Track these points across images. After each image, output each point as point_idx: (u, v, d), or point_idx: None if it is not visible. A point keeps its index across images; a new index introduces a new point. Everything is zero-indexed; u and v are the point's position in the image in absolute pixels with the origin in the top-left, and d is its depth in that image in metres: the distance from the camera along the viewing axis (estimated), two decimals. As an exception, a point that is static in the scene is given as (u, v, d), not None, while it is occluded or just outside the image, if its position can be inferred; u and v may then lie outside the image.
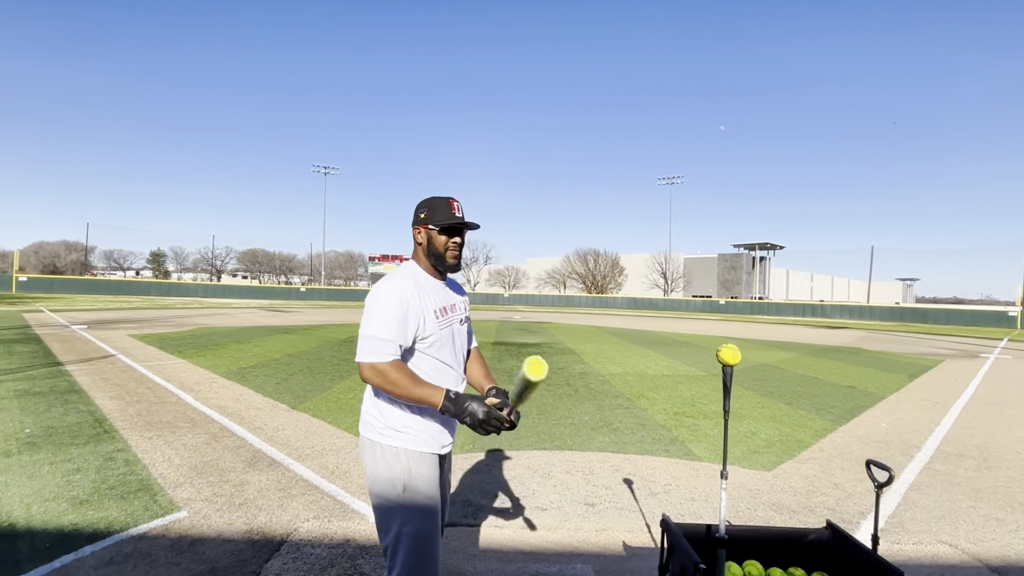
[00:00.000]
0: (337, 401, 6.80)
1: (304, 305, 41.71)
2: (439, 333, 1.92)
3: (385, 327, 1.77)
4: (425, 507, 1.86)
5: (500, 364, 10.70)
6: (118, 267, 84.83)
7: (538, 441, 5.29)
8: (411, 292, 1.86)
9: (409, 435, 1.87)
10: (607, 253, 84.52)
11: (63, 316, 19.91)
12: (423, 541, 1.83)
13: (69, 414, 5.68)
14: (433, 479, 1.90)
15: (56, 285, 48.21)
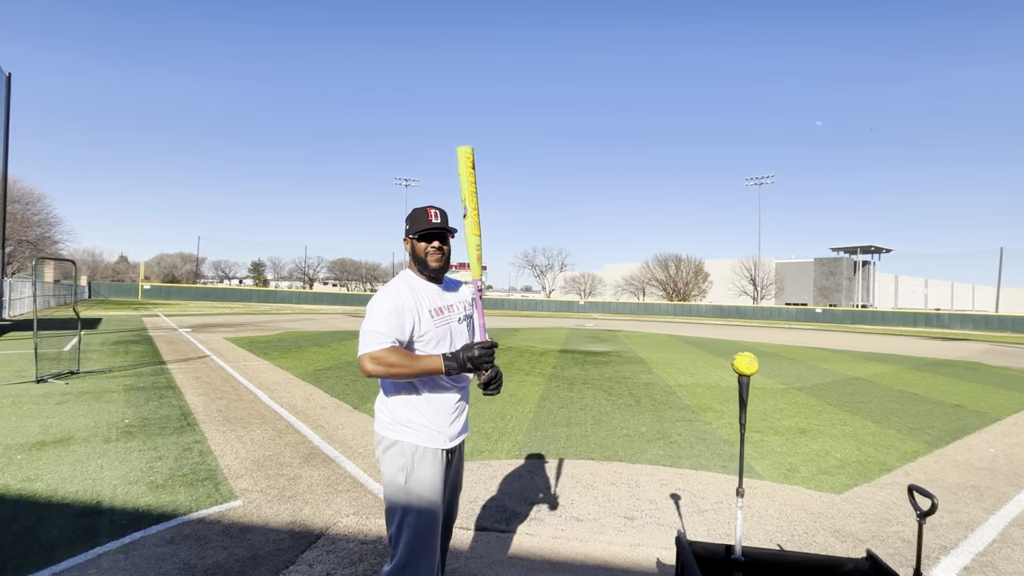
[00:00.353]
0: (396, 403, 7.08)
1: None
2: (435, 331, 2.02)
3: (381, 323, 1.89)
4: (426, 499, 1.94)
5: (563, 372, 10.62)
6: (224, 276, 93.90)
7: (587, 451, 5.20)
8: (406, 294, 1.99)
9: (413, 430, 1.97)
10: (690, 258, 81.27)
11: (174, 320, 22.38)
12: (423, 531, 1.92)
13: (162, 408, 6.38)
14: (435, 473, 1.98)
15: (173, 293, 54.26)
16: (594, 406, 7.30)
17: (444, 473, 2.02)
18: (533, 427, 6.04)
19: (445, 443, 2.01)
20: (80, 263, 69.98)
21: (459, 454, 2.18)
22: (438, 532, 1.99)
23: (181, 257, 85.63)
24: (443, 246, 2.08)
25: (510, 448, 5.20)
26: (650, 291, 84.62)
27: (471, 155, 2.03)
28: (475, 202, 2.04)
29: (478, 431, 5.80)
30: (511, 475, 4.45)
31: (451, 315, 2.10)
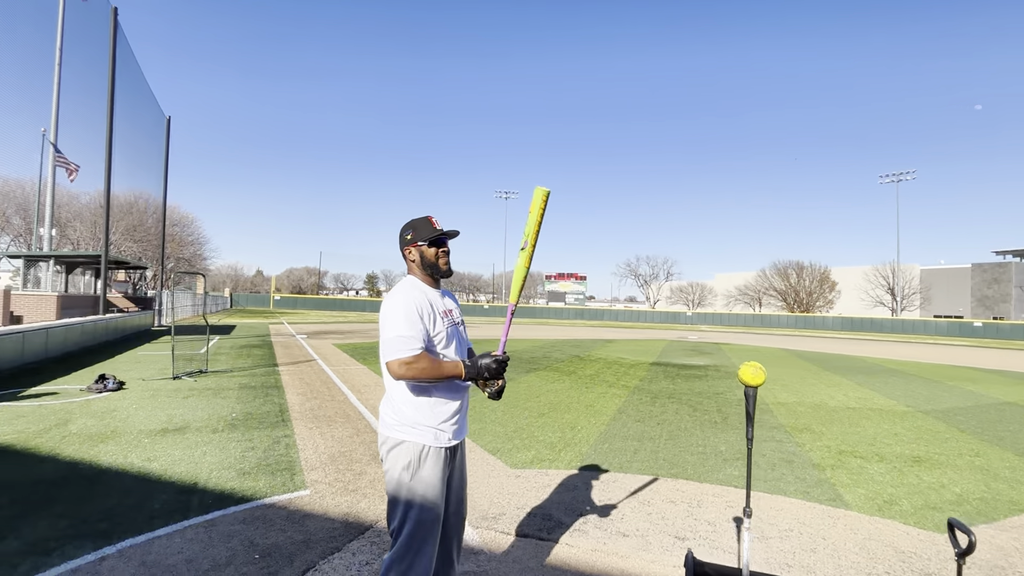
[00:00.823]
0: (472, 409, 7.32)
1: (485, 320, 45.14)
2: (445, 331, 2.18)
3: (407, 327, 2.04)
4: (429, 496, 2.06)
5: (649, 385, 10.27)
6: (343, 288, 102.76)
7: (652, 466, 5.01)
8: (420, 298, 2.12)
9: (418, 431, 2.09)
10: (813, 265, 74.27)
11: (294, 328, 24.95)
12: (425, 525, 2.04)
13: (265, 404, 7.19)
14: (438, 471, 2.09)
15: (299, 303, 60.41)
16: (674, 421, 6.99)
17: (446, 470, 2.13)
18: (602, 440, 5.93)
19: (447, 442, 2.13)
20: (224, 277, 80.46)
21: (461, 452, 2.28)
22: (439, 526, 2.10)
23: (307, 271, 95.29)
24: (448, 250, 2.23)
25: (571, 459, 5.17)
26: (767, 302, 78.48)
27: (547, 197, 2.19)
28: (535, 240, 2.21)
29: (543, 440, 5.83)
30: (565, 485, 4.42)
31: (453, 318, 2.23)
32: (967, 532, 1.56)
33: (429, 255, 2.21)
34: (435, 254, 2.21)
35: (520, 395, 8.61)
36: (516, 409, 7.45)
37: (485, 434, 6.01)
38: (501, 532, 3.49)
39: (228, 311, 46.18)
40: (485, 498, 4.08)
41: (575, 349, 18.33)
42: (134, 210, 32.32)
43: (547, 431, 6.25)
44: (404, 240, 2.25)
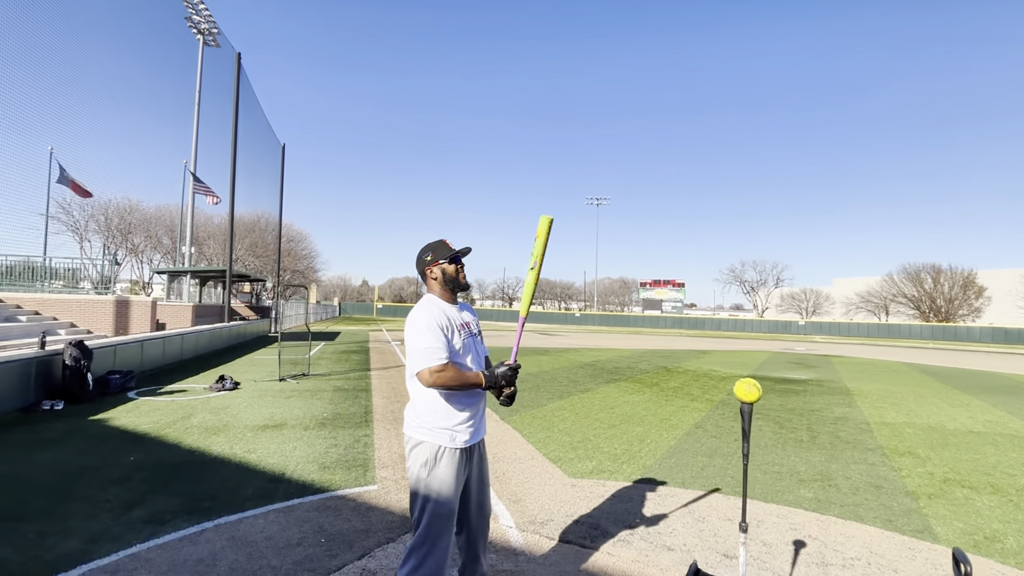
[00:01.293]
0: (543, 418, 7.50)
1: (575, 329, 45.07)
2: (463, 343, 2.42)
3: (434, 339, 2.30)
4: (444, 492, 2.30)
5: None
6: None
7: (717, 483, 4.87)
8: (440, 314, 2.38)
9: (436, 432, 2.34)
10: (954, 269, 65.52)
11: (391, 334, 26.63)
12: (439, 518, 2.29)
13: (353, 406, 7.88)
14: (452, 470, 2.32)
15: (399, 311, 64.12)
16: (753, 438, 6.67)
17: (461, 469, 2.35)
18: (670, 454, 5.84)
19: (462, 444, 2.35)
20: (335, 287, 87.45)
21: (480, 453, 2.51)
22: (454, 518, 2.33)
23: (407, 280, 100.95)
24: (464, 265, 2.52)
25: (633, 471, 5.16)
26: (896, 310, 70.40)
27: (550, 224, 2.53)
28: (541, 261, 2.52)
29: (607, 452, 5.86)
30: (619, 497, 4.46)
31: (470, 330, 2.47)
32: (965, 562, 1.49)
33: (450, 271, 2.48)
34: (455, 270, 2.48)
35: (593, 406, 8.63)
36: (587, 420, 7.51)
37: (550, 443, 6.16)
38: (545, 536, 3.64)
39: (336, 319, 50.27)
40: (537, 504, 4.24)
41: (664, 360, 17.80)
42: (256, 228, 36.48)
43: (614, 443, 6.26)
44: (425, 261, 2.51)
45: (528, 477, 4.92)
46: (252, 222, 36.16)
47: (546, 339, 27.98)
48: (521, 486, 4.66)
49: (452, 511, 2.32)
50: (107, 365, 8.70)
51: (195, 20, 28.31)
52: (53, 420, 6.52)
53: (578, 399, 9.18)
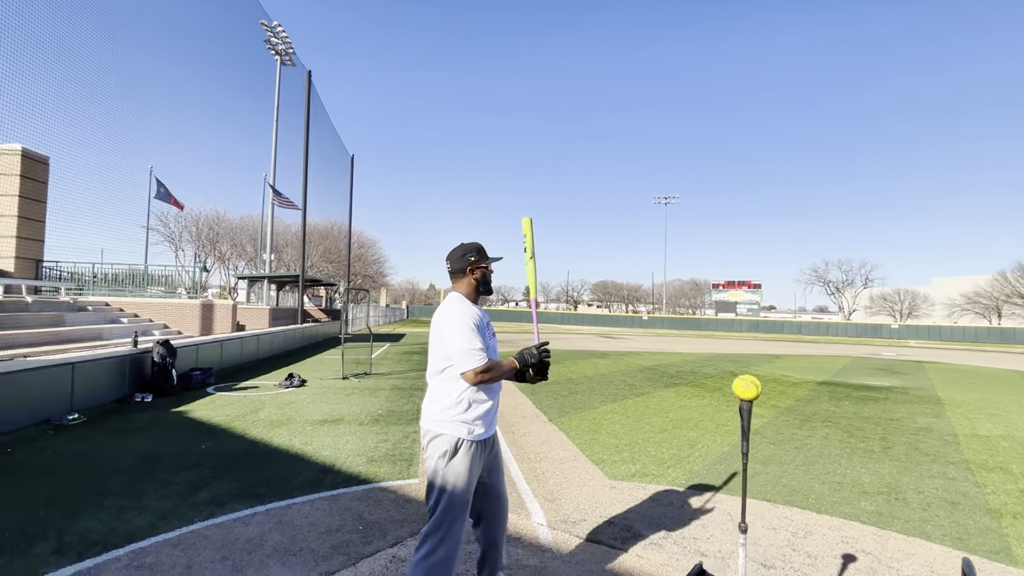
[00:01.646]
0: (592, 421, 7.46)
1: (641, 332, 44.07)
2: (489, 342, 2.53)
3: (475, 340, 2.41)
4: (459, 482, 2.41)
5: (806, 407, 9.27)
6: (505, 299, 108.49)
7: (769, 492, 4.65)
8: (474, 314, 2.50)
9: (453, 425, 2.45)
10: (1082, 264, 57.94)
11: (454, 337, 27.25)
12: (454, 507, 2.40)
13: (408, 404, 8.19)
14: (467, 461, 2.43)
15: (463, 314, 65.49)
16: (817, 447, 6.29)
17: (477, 461, 2.46)
18: (720, 460, 5.64)
19: (478, 437, 2.45)
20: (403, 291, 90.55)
21: (494, 446, 2.64)
22: (468, 507, 2.45)
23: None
24: None
25: (678, 476, 5.04)
26: (1011, 312, 63.28)
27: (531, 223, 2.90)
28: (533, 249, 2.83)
29: (653, 456, 5.75)
30: (658, 499, 4.38)
31: (491, 330, 2.63)
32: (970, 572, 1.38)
33: (488, 275, 2.65)
34: (490, 275, 2.66)
35: (647, 410, 8.46)
36: (638, 424, 7.38)
37: (595, 445, 6.13)
38: (575, 536, 3.65)
39: (403, 321, 52.07)
40: (572, 504, 4.25)
41: (732, 364, 17.06)
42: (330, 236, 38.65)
43: (662, 447, 6.12)
44: (468, 261, 2.60)
45: (567, 477, 4.93)
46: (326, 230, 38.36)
47: (608, 342, 27.58)
48: (559, 486, 4.69)
49: (466, 501, 2.42)
50: (190, 362, 9.57)
51: (273, 42, 30.47)
52: (142, 411, 7.27)
53: (632, 403, 9.03)
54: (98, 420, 6.66)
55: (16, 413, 5.96)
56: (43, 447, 5.43)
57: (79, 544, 3.32)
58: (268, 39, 30.35)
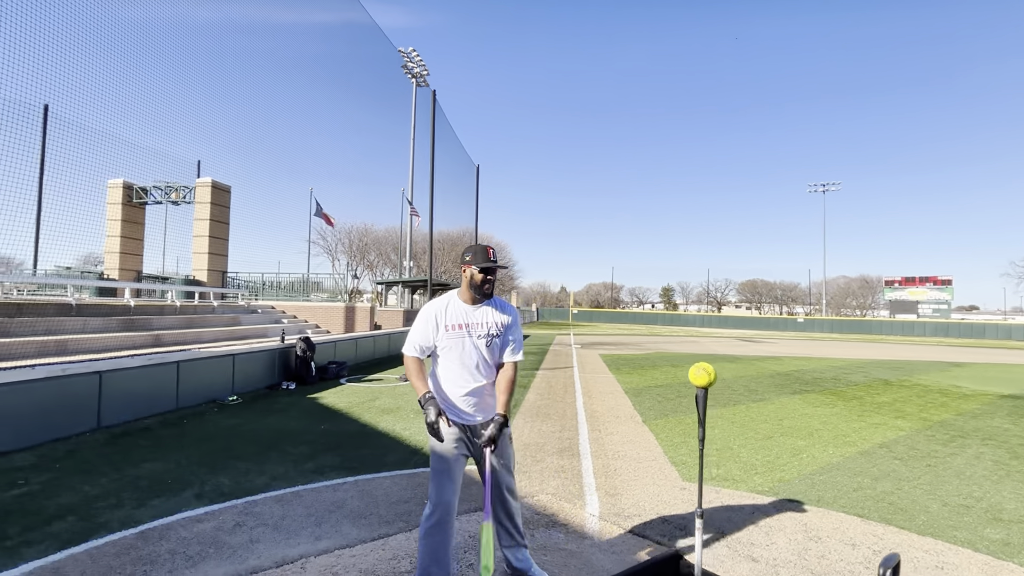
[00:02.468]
0: (689, 424, 7.23)
1: (793, 336, 40.16)
2: (447, 343, 2.77)
3: (414, 333, 2.82)
4: (436, 453, 2.73)
5: (967, 422, 7.99)
6: (639, 301, 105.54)
7: (868, 508, 4.22)
8: (441, 309, 2.80)
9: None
10: None
11: (578, 339, 27.42)
12: (435, 471, 2.74)
13: (506, 400, 8.65)
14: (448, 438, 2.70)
15: (594, 316, 65.14)
16: (959, 466, 5.46)
17: (455, 438, 2.72)
18: (824, 471, 5.19)
19: (458, 419, 2.74)
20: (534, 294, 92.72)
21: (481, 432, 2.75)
22: (448, 474, 2.71)
23: (604, 286, 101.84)
24: (494, 279, 2.81)
25: (762, 483, 4.78)
26: None
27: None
28: None
29: (743, 461, 5.47)
30: (729, 504, 4.23)
31: (471, 331, 2.75)
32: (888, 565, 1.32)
33: (477, 278, 2.76)
34: (482, 279, 2.76)
35: (759, 416, 7.93)
36: (742, 429, 6.99)
37: (682, 447, 5.98)
38: (621, 528, 3.73)
39: (533, 323, 53.44)
40: (631, 500, 4.29)
41: (890, 372, 14.97)
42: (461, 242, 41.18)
43: (758, 454, 5.78)
44: (463, 259, 2.86)
45: (638, 476, 4.94)
46: (458, 236, 40.98)
47: (746, 346, 25.64)
48: (626, 483, 4.73)
49: (443, 470, 2.70)
50: (328, 356, 11.07)
51: (409, 67, 33.48)
52: (285, 396, 8.66)
53: (744, 408, 8.51)
54: (251, 402, 8.10)
55: (192, 394, 7.52)
56: (207, 420, 6.80)
57: (212, 493, 4.22)
58: (405, 64, 33.42)
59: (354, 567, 3.11)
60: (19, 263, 17.21)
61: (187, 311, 13.37)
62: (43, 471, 4.70)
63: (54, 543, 3.32)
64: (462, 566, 3.14)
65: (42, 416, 5.50)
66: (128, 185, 17.95)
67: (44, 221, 15.59)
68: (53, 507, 3.89)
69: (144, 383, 6.72)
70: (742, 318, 67.64)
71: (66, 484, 4.38)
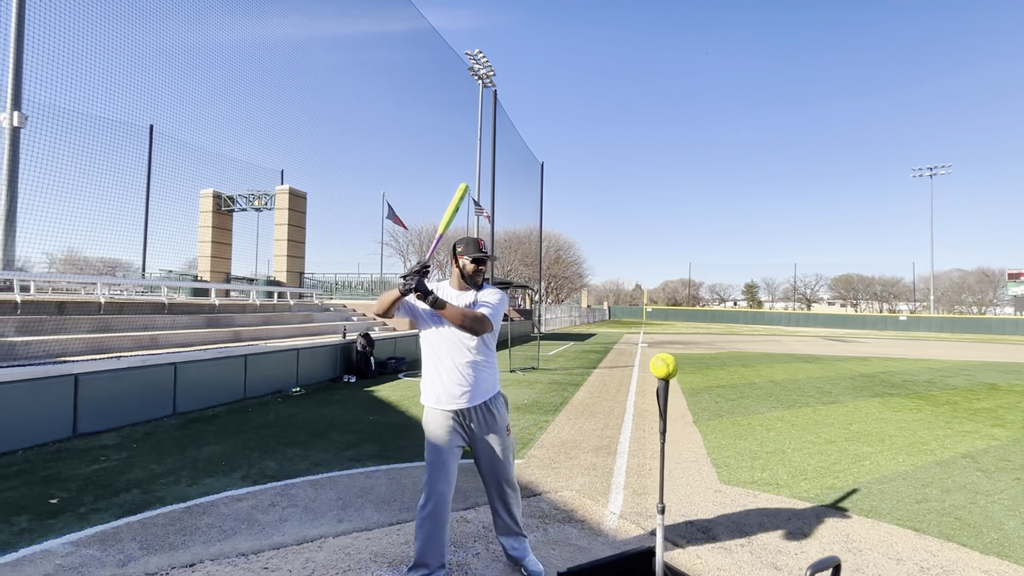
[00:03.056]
0: (743, 426, 6.88)
1: (893, 336, 36.87)
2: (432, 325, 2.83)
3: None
4: (430, 443, 2.81)
5: (972, 404, 7.03)
6: (720, 299, 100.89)
7: (928, 522, 3.85)
8: None
9: (424, 395, 2.88)
10: None
11: (647, 337, 26.71)
12: (431, 464, 2.80)
13: (555, 396, 8.63)
14: (436, 425, 2.79)
15: (670, 314, 63.09)
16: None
17: (448, 428, 2.77)
18: (886, 480, 4.78)
19: (445, 406, 2.77)
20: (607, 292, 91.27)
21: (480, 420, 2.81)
22: (442, 466, 2.77)
23: (682, 283, 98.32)
24: (484, 269, 2.89)
25: (808, 489, 4.47)
26: None
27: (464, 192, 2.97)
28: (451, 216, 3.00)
29: (792, 466, 5.15)
30: (765, 509, 4.01)
31: None
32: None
33: (469, 268, 2.85)
34: (473, 269, 2.85)
35: (825, 419, 7.39)
36: (802, 432, 6.56)
37: (728, 449, 5.72)
38: (639, 527, 3.64)
39: (603, 322, 52.65)
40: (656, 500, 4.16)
41: (999, 375, 13.38)
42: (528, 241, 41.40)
43: (812, 459, 5.41)
44: (454, 251, 2.93)
45: (673, 476, 4.78)
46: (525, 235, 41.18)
47: (832, 346, 23.83)
48: (657, 483, 4.59)
49: (436, 462, 2.77)
50: (389, 352, 11.56)
51: (475, 68, 34.08)
52: (343, 389, 9.15)
53: (810, 411, 7.96)
54: (312, 393, 8.64)
55: (259, 385, 8.15)
56: (269, 410, 7.34)
57: (258, 475, 4.57)
58: (471, 66, 34.07)
59: (367, 548, 3.27)
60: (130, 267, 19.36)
61: (265, 309, 14.43)
62: (122, 450, 5.30)
63: (116, 512, 3.75)
64: (468, 555, 3.21)
65: (126, 402, 6.19)
66: (217, 194, 19.64)
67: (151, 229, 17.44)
68: (123, 481, 4.38)
69: (214, 374, 7.37)
70: (834, 316, 62.84)
71: (138, 462, 4.91)
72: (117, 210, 14.74)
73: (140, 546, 3.25)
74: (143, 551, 3.18)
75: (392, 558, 3.15)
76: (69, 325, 8.62)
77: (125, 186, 14.84)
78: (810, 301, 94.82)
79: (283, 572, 2.96)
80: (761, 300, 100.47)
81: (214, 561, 3.07)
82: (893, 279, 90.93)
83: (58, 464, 4.82)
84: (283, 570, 2.98)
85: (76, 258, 17.47)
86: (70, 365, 5.84)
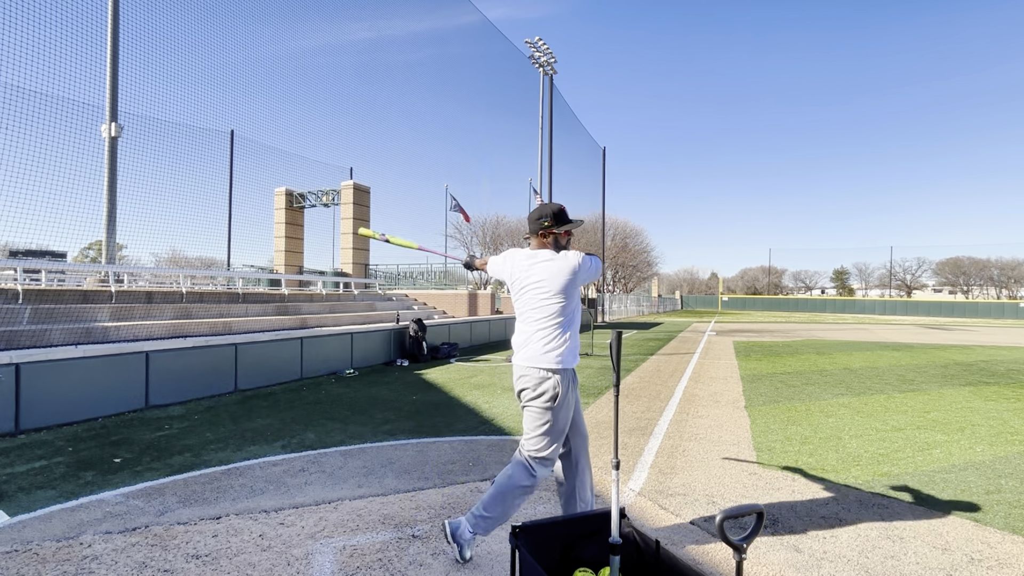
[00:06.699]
0: (800, 411, 6.47)
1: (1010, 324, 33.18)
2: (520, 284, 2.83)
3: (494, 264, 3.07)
4: (558, 428, 2.99)
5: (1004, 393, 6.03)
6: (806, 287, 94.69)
7: (990, 514, 3.47)
8: (518, 255, 2.89)
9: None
10: None
11: (717, 326, 25.62)
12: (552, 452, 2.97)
13: (601, 380, 8.50)
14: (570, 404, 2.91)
15: (747, 304, 60.18)
16: None
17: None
18: (954, 469, 4.33)
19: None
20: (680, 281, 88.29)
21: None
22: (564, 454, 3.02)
23: (762, 270, 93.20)
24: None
25: (859, 476, 4.14)
26: None
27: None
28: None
29: (846, 452, 4.78)
30: (801, 492, 3.77)
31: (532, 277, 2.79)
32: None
33: (561, 241, 2.84)
34: (564, 240, 2.87)
35: (899, 407, 6.79)
36: (868, 419, 6.07)
37: (776, 434, 5.40)
38: (657, 505, 3.54)
39: (675, 312, 51.05)
40: (683, 480, 4.02)
41: None
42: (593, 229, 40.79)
43: (870, 444, 5.00)
44: (542, 225, 2.80)
45: (707, 458, 4.59)
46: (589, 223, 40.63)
47: (929, 333, 21.73)
48: (689, 463, 4.43)
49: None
50: (442, 337, 11.85)
51: (536, 56, 33.91)
52: (396, 371, 9.49)
53: (883, 398, 7.33)
54: (365, 375, 9.03)
55: (316, 366, 8.63)
56: (322, 389, 7.75)
57: (297, 445, 4.85)
58: (532, 54, 33.92)
59: (378, 511, 3.39)
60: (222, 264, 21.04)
61: (331, 299, 15.23)
62: (185, 420, 5.81)
63: (167, 471, 4.12)
64: (473, 521, 3.24)
65: (193, 378, 6.77)
66: (289, 192, 20.89)
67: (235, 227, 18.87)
68: (179, 446, 4.81)
69: (272, 355, 7.89)
70: (940, 303, 57.19)
71: (196, 431, 5.36)
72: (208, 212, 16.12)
73: (178, 500, 3.56)
74: (180, 504, 3.49)
75: (400, 521, 3.25)
76: (155, 312, 9.52)
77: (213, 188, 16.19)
78: (911, 288, 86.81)
79: (296, 528, 3.14)
80: (852, 288, 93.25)
81: (239, 515, 3.31)
82: (1014, 261, 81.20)
83: (128, 430, 5.36)
84: (297, 526, 3.17)
85: (178, 257, 19.28)
86: (142, 344, 6.45)
